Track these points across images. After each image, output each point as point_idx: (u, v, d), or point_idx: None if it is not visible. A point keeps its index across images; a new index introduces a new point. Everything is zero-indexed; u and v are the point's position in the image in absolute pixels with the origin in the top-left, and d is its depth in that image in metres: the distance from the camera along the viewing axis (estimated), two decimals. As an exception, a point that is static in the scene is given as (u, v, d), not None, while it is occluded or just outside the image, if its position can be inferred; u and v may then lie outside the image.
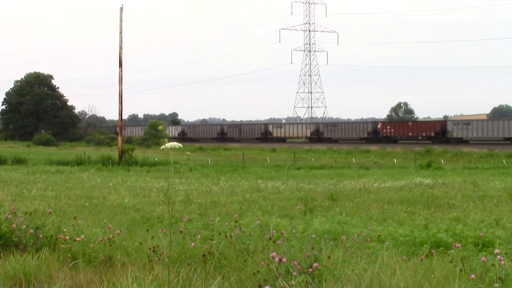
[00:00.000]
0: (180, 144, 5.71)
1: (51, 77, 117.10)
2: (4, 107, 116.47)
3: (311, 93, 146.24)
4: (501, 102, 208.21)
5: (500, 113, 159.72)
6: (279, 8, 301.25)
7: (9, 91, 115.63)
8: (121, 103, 50.47)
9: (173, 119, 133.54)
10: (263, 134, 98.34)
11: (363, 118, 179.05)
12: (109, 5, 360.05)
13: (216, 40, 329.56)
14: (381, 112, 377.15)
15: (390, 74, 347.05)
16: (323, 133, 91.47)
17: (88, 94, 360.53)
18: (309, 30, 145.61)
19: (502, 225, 14.27)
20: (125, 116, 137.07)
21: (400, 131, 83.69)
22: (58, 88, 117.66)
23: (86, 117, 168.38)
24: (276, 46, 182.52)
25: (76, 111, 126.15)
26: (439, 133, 79.60)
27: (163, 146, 5.64)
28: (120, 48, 49.84)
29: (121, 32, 49.82)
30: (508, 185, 25.82)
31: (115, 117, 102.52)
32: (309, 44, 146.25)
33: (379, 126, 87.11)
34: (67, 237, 7.28)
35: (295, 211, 17.25)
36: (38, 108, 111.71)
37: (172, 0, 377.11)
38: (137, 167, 43.59)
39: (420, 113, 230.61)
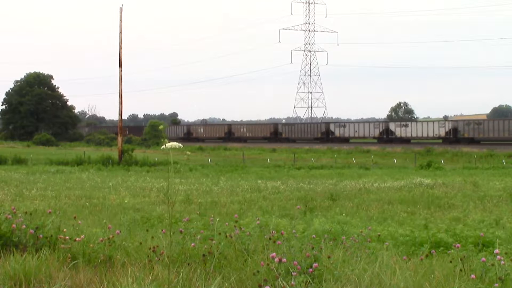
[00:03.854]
0: (180, 144, 5.70)
1: (51, 77, 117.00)
2: (4, 107, 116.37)
3: (311, 93, 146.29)
4: (501, 102, 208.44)
5: (500, 113, 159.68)
6: (279, 8, 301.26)
7: (9, 91, 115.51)
8: (121, 103, 50.50)
9: (173, 119, 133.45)
10: (448, 133, 78.68)
11: (363, 118, 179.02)
12: (109, 5, 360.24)
13: (216, 40, 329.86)
14: (381, 112, 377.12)
15: (390, 74, 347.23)
16: None
17: (88, 94, 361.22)
18: (309, 30, 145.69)
19: (502, 225, 14.28)
20: (125, 116, 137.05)
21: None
22: (58, 88, 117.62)
23: (86, 117, 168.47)
24: (276, 46, 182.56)
25: (76, 111, 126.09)
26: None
27: (164, 146, 5.63)
28: (120, 48, 49.86)
29: (121, 32, 49.84)
30: (508, 185, 25.81)
31: (115, 117, 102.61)
32: (309, 44, 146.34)
33: None
34: (67, 237, 7.27)
35: (295, 211, 17.24)
36: (38, 108, 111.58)
37: (172, 0, 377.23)
38: (137, 167, 43.58)
39: (420, 113, 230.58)
